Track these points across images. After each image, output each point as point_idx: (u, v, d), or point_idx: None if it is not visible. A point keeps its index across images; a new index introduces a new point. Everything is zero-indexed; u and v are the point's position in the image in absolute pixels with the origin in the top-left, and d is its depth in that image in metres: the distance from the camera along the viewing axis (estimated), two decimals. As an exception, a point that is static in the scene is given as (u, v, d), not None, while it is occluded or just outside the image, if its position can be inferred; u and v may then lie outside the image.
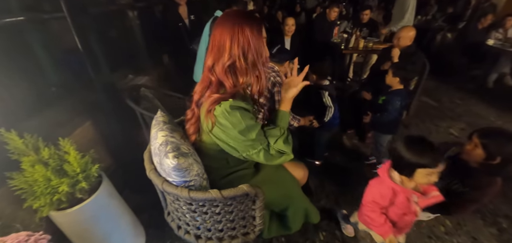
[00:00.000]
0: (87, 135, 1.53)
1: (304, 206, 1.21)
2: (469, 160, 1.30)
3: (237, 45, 0.80)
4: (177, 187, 0.93)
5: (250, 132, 0.87)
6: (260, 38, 0.83)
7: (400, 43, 2.26)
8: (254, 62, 0.85)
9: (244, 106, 0.87)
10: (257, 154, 0.91)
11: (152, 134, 1.06)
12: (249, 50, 0.82)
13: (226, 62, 0.82)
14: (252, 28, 0.80)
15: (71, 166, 1.02)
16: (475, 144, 1.22)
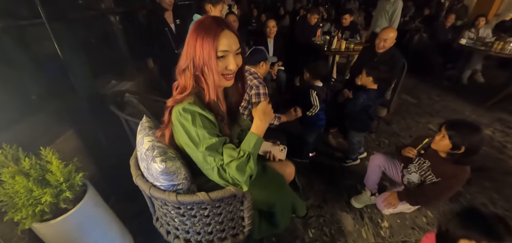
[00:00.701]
0: (70, 144, 1.49)
1: (291, 201, 1.25)
2: (439, 150, 1.42)
3: (189, 51, 0.83)
4: (165, 191, 0.93)
5: (201, 142, 0.83)
6: (210, 50, 0.79)
7: (386, 45, 2.33)
8: (202, 73, 0.83)
9: (199, 111, 0.82)
10: (212, 171, 0.86)
11: (138, 140, 1.05)
12: (196, 58, 0.81)
13: (182, 65, 0.86)
14: (203, 38, 0.79)
15: (54, 175, 1.00)
16: (443, 135, 1.33)
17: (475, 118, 3.12)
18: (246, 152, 0.85)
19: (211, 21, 0.82)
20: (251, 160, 0.86)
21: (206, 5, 1.98)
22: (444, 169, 1.41)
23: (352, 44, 3.53)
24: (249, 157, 0.86)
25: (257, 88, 1.73)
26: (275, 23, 3.03)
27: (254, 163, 0.87)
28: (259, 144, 0.90)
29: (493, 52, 3.38)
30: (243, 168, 0.84)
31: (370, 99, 1.97)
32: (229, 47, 0.82)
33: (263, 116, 0.92)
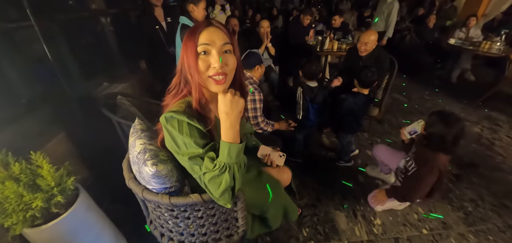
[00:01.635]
0: (61, 147, 1.47)
1: (283, 204, 1.25)
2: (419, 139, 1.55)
3: (181, 54, 0.80)
4: (158, 194, 0.93)
5: (187, 150, 0.79)
6: (192, 46, 0.75)
7: (368, 48, 2.37)
8: (188, 73, 0.79)
9: (186, 119, 0.77)
10: (198, 180, 0.83)
11: (130, 143, 1.05)
12: (184, 61, 0.79)
13: (177, 67, 0.84)
14: (188, 38, 0.76)
15: (45, 180, 0.99)
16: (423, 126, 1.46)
17: (464, 116, 3.19)
18: (221, 164, 0.76)
19: (198, 23, 0.80)
20: (227, 172, 0.76)
21: (189, 6, 1.97)
22: (422, 155, 1.50)
23: (344, 44, 3.58)
24: (224, 168, 0.76)
25: (252, 93, 1.74)
26: (268, 24, 3.04)
27: (232, 175, 0.77)
28: (234, 151, 0.77)
29: (481, 51, 3.46)
30: (216, 180, 0.76)
31: (356, 104, 2.00)
32: (211, 41, 0.75)
33: (226, 117, 0.77)
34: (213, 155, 0.79)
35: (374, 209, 1.87)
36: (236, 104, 0.77)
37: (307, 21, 3.63)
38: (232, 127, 0.77)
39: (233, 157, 0.76)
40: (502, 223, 1.77)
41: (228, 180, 0.76)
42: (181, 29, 1.97)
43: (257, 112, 1.79)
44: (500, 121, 3.07)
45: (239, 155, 0.78)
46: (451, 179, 2.12)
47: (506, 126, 2.96)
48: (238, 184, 0.81)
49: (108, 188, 1.79)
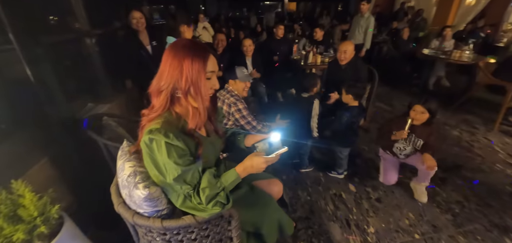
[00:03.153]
0: (44, 173, 1.39)
1: (277, 218, 1.24)
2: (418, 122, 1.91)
3: (173, 73, 0.81)
4: (149, 218, 0.90)
5: (168, 172, 0.82)
6: (201, 72, 0.81)
7: (347, 56, 2.51)
8: (191, 94, 0.83)
9: (165, 139, 0.79)
10: (177, 198, 0.89)
11: (119, 166, 1.02)
12: (186, 82, 0.80)
13: (161, 86, 0.83)
14: (193, 59, 0.80)
15: (27, 210, 0.93)
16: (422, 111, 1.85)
17: (444, 120, 3.35)
18: (223, 185, 0.90)
19: (196, 44, 0.85)
20: (222, 194, 0.89)
21: (182, 27, 2.02)
22: (425, 131, 1.90)
23: (327, 58, 3.72)
24: (222, 189, 0.89)
25: (235, 104, 1.83)
26: (251, 42, 3.15)
27: (224, 197, 0.89)
28: (236, 183, 0.94)
29: (453, 60, 3.71)
30: (214, 197, 0.87)
31: (353, 116, 2.07)
32: (214, 69, 0.88)
33: (251, 169, 0.95)
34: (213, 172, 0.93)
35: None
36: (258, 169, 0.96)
37: (281, 32, 3.78)
38: (246, 171, 0.96)
39: (232, 186, 0.94)
40: (488, 223, 1.84)
41: (222, 201, 0.88)
42: None
43: (248, 118, 1.87)
44: (476, 124, 3.25)
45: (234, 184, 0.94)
46: (437, 183, 2.19)
47: (482, 128, 3.14)
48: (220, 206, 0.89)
49: (93, 214, 1.71)
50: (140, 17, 2.32)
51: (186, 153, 0.84)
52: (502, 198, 2.06)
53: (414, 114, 1.87)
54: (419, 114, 1.85)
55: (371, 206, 2.01)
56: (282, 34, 3.82)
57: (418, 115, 1.86)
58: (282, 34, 3.83)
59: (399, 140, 2.00)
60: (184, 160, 0.83)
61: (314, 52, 3.72)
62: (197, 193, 0.86)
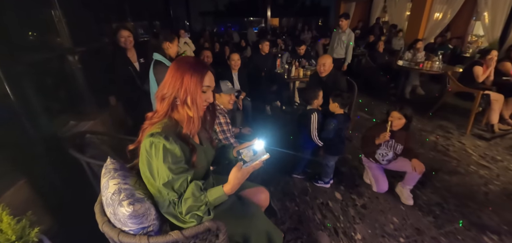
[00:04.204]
0: (22, 195, 1.32)
1: (265, 229, 1.24)
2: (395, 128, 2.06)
3: (175, 83, 0.91)
4: (135, 236, 0.88)
5: (159, 177, 0.89)
6: (197, 86, 0.91)
7: (326, 68, 2.68)
8: (187, 104, 0.93)
9: (165, 143, 0.87)
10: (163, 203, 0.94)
11: (103, 184, 1.00)
12: (183, 93, 0.91)
13: (164, 93, 0.93)
14: (192, 74, 0.91)
15: (4, 234, 0.88)
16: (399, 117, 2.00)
17: (421, 127, 3.54)
18: (206, 200, 0.92)
19: (197, 61, 0.97)
20: (203, 208, 0.91)
21: (164, 44, 2.05)
22: (403, 136, 2.07)
23: (308, 70, 3.86)
24: (206, 204, 0.92)
25: (217, 117, 1.86)
26: (239, 57, 3.21)
27: (205, 212, 0.93)
28: (221, 200, 0.96)
29: (425, 70, 3.98)
30: (194, 209, 0.90)
31: (340, 123, 2.14)
32: (211, 84, 0.98)
33: (238, 185, 0.96)
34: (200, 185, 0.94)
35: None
36: (244, 177, 0.97)
37: (266, 48, 3.88)
38: (234, 189, 0.96)
39: (217, 203, 0.95)
40: (468, 222, 1.93)
41: (201, 215, 0.91)
42: (154, 65, 2.00)
43: (227, 133, 1.91)
44: (450, 129, 3.46)
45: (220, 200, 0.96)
46: (418, 186, 2.28)
47: (456, 133, 3.34)
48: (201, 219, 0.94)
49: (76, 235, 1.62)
50: (128, 35, 2.34)
51: (181, 159, 0.91)
52: (477, 198, 2.18)
53: (392, 119, 2.01)
54: (396, 120, 2.00)
55: (357, 213, 2.06)
56: (267, 50, 3.92)
57: (395, 121, 2.00)
58: (268, 50, 3.93)
59: (381, 146, 2.11)
60: (177, 167, 0.89)
61: (297, 65, 3.85)
62: (180, 202, 0.90)
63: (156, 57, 2.03)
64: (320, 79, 2.77)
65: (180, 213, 0.90)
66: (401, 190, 2.16)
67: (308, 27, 9.57)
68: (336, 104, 2.17)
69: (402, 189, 2.15)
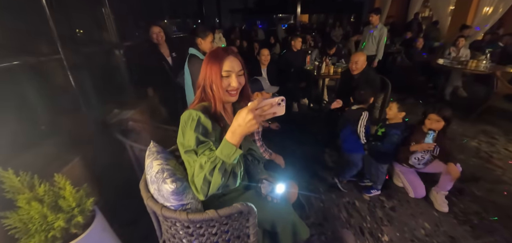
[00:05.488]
0: (76, 172, 1.53)
1: (292, 220, 1.28)
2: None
3: (202, 73, 1.05)
4: (176, 211, 0.98)
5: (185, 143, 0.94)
6: (217, 73, 1.00)
7: (358, 67, 2.57)
8: (211, 88, 1.03)
9: (200, 115, 0.96)
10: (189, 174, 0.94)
11: (147, 164, 1.12)
12: (207, 80, 1.03)
13: (198, 83, 1.07)
14: (212, 63, 1.01)
15: (66, 201, 1.04)
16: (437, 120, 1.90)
17: (462, 131, 3.28)
18: (215, 156, 0.85)
19: (219, 50, 1.04)
20: (217, 170, 0.84)
21: (197, 39, 2.17)
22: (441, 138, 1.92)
23: (339, 68, 3.76)
24: (215, 164, 0.84)
25: None
26: (268, 52, 3.26)
27: (221, 174, 0.85)
28: (229, 151, 0.84)
29: (469, 69, 3.65)
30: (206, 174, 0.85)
31: (403, 132, 2.01)
32: (232, 69, 1.02)
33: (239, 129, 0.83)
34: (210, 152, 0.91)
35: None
36: (249, 125, 0.82)
37: (299, 44, 3.85)
38: (234, 135, 0.84)
39: (224, 153, 0.84)
40: (509, 234, 1.78)
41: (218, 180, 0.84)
42: (189, 58, 2.12)
43: (255, 137, 1.89)
44: (496, 135, 3.16)
45: (229, 156, 0.85)
46: (455, 194, 2.15)
47: (502, 139, 3.04)
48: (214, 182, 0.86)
49: (117, 211, 1.81)
50: (159, 31, 2.51)
51: (211, 135, 0.98)
52: (524, 210, 1.99)
53: (430, 123, 1.90)
54: (435, 123, 1.88)
55: (386, 214, 2.00)
56: (299, 47, 3.90)
57: (433, 123, 1.89)
58: (300, 46, 3.91)
59: (417, 151, 2.00)
60: (205, 140, 0.95)
61: (327, 62, 3.78)
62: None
63: (191, 51, 2.16)
64: (351, 77, 2.68)
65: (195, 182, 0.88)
66: (435, 195, 2.05)
67: (339, 23, 9.25)
68: (403, 113, 2.01)
69: (436, 195, 2.04)
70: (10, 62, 1.17)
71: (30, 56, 1.26)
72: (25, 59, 1.23)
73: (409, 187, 2.14)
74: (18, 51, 1.24)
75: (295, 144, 3.00)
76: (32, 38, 1.30)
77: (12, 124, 1.23)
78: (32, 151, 1.32)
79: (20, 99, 1.30)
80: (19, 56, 1.20)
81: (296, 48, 3.87)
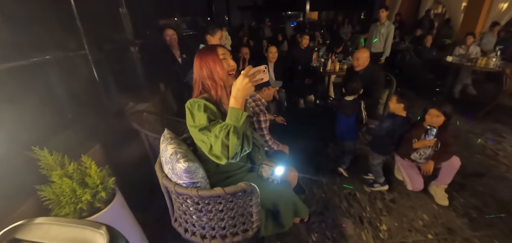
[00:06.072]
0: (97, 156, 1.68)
1: (293, 200, 1.39)
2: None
3: (196, 70, 1.15)
4: (188, 187, 1.11)
5: (197, 123, 1.04)
6: (215, 60, 1.11)
7: (360, 63, 2.61)
8: (211, 78, 1.13)
9: (204, 102, 1.05)
10: (206, 147, 1.01)
11: (162, 148, 1.25)
12: (206, 71, 1.13)
13: (194, 79, 1.17)
14: (206, 57, 1.13)
15: (92, 178, 1.19)
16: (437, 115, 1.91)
17: (468, 128, 3.27)
18: (227, 124, 0.97)
19: (207, 46, 1.18)
20: (231, 133, 0.95)
21: (206, 36, 2.31)
22: (442, 134, 1.93)
23: (345, 65, 3.82)
24: (228, 129, 0.95)
25: (257, 115, 1.94)
26: (276, 50, 3.36)
27: (236, 136, 0.95)
28: (236, 115, 0.97)
29: (478, 67, 3.62)
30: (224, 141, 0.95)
31: (396, 125, 2.03)
32: (225, 53, 1.17)
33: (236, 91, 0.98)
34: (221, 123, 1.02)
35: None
36: (247, 87, 0.98)
37: (306, 42, 3.93)
38: (236, 100, 0.98)
39: (236, 119, 0.97)
40: (508, 228, 1.82)
41: (235, 141, 0.95)
42: None
43: (264, 131, 1.97)
44: (503, 133, 3.14)
45: (237, 119, 0.98)
46: (456, 188, 2.19)
47: (510, 137, 3.03)
48: (231, 144, 0.96)
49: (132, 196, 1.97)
50: (173, 34, 2.64)
51: (218, 117, 1.08)
52: (525, 206, 2.02)
53: (430, 118, 1.93)
54: (435, 118, 1.91)
55: (385, 206, 2.08)
56: (307, 44, 3.99)
57: (433, 119, 1.91)
58: (307, 44, 4.00)
59: None
60: (214, 117, 1.06)
61: (333, 59, 3.84)
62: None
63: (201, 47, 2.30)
64: (355, 73, 2.74)
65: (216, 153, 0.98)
66: (435, 189, 2.10)
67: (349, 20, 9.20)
68: (402, 105, 2.02)
69: (436, 189, 2.10)
70: (43, 56, 1.33)
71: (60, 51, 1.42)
72: (55, 54, 1.40)
73: (408, 179, 2.20)
74: (49, 47, 1.40)
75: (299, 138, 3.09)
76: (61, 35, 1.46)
77: (44, 111, 1.39)
78: (60, 136, 1.48)
79: (51, 90, 1.46)
80: (50, 51, 1.36)
81: (304, 46, 3.95)
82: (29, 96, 1.34)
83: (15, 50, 1.28)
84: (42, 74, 1.39)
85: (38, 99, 1.38)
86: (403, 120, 2.04)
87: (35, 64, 1.36)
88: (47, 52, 1.37)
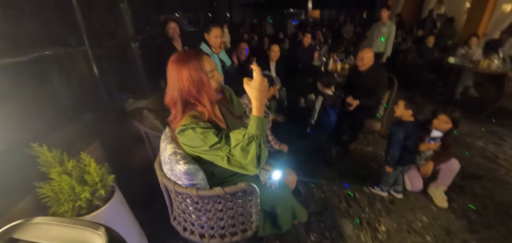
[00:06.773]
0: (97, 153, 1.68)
1: (291, 205, 1.39)
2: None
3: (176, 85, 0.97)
4: (187, 187, 1.10)
5: (206, 143, 0.93)
6: (201, 75, 0.94)
7: (364, 63, 2.57)
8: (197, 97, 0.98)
9: (194, 125, 0.93)
10: (222, 161, 0.94)
11: (162, 147, 1.24)
12: (186, 88, 0.96)
13: (173, 98, 0.99)
14: (189, 69, 0.94)
15: (91, 176, 1.18)
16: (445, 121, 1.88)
17: (469, 132, 3.26)
18: (250, 134, 0.89)
19: (187, 54, 0.99)
20: (254, 142, 0.88)
21: (205, 34, 2.31)
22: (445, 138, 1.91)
23: (347, 64, 3.80)
24: (251, 138, 0.88)
25: None
26: (279, 48, 3.34)
27: (259, 144, 0.89)
28: (261, 123, 0.90)
29: (480, 69, 3.60)
30: (246, 149, 0.88)
31: (408, 132, 1.90)
32: (213, 67, 1.01)
33: (259, 95, 0.89)
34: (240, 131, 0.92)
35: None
36: (266, 87, 0.91)
37: (308, 40, 3.91)
38: (261, 105, 0.90)
39: (260, 128, 0.89)
40: (506, 230, 1.82)
41: (255, 148, 0.88)
42: None
43: (267, 131, 1.95)
44: (504, 135, 3.13)
45: (264, 128, 0.91)
46: (455, 191, 2.19)
47: (510, 140, 3.02)
48: (264, 153, 0.91)
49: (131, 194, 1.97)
50: (175, 27, 2.64)
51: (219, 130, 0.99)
52: (524, 209, 2.02)
53: (438, 123, 1.89)
54: (443, 123, 1.87)
55: (384, 207, 2.08)
56: (308, 43, 3.97)
57: (441, 124, 1.87)
58: (309, 42, 3.98)
59: None
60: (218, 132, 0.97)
61: (334, 58, 3.82)
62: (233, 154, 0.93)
63: (201, 47, 2.29)
64: (359, 73, 2.69)
65: (239, 162, 0.92)
66: (435, 191, 2.10)
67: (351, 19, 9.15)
68: (410, 111, 1.90)
69: (435, 190, 2.09)
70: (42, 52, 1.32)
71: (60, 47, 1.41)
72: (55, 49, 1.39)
73: (407, 179, 2.20)
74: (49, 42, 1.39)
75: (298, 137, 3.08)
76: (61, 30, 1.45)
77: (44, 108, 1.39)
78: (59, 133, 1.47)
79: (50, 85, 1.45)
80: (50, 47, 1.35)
81: (305, 44, 3.93)
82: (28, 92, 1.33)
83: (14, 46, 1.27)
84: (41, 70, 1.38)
85: (37, 95, 1.37)
86: (413, 126, 1.92)
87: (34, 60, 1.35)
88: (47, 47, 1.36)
